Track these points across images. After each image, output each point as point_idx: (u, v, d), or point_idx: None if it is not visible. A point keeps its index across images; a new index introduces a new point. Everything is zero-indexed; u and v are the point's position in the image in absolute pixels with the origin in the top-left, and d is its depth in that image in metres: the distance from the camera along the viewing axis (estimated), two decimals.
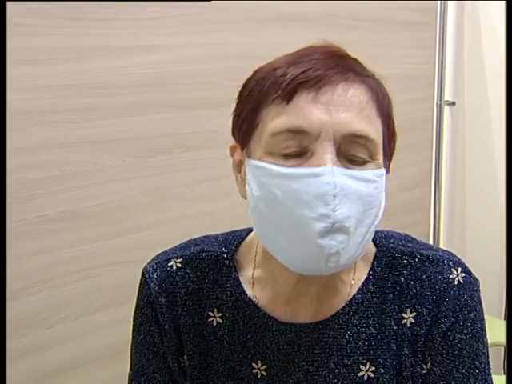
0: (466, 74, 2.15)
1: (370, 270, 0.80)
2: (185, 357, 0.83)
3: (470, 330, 0.79)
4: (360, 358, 0.78)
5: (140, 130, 1.39)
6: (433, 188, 2.20)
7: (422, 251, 0.81)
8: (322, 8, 1.71)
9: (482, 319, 0.82)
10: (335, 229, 0.66)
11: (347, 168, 0.68)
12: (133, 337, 0.87)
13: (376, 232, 0.80)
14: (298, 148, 0.68)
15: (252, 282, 0.81)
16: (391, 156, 0.77)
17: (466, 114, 2.17)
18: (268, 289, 0.80)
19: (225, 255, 0.82)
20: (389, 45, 1.93)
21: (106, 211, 1.38)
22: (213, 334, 0.82)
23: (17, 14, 1.18)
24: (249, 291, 0.81)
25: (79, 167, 1.33)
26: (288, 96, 0.68)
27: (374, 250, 0.81)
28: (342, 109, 0.68)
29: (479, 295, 0.81)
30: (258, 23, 1.57)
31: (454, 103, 2.15)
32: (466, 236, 2.26)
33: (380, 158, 0.71)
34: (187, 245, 0.86)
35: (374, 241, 0.82)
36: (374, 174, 0.70)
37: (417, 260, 0.80)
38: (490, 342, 2.02)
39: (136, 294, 0.86)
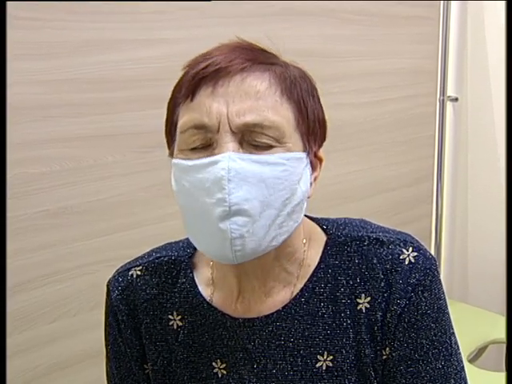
0: (468, 69, 2.14)
1: (321, 257, 0.80)
2: (149, 364, 0.85)
3: (425, 311, 0.77)
4: (317, 347, 0.78)
5: (140, 125, 1.38)
6: (435, 183, 2.20)
7: (371, 234, 0.81)
8: (324, 3, 1.70)
9: (440, 298, 0.79)
10: (233, 212, 0.68)
11: (250, 154, 0.70)
12: (105, 347, 0.90)
13: (330, 220, 0.83)
14: (204, 141, 0.71)
15: (209, 282, 0.83)
16: (318, 139, 0.78)
17: (468, 110, 2.16)
18: (221, 288, 0.82)
19: (181, 258, 0.84)
20: (391, 40, 1.93)
21: (105, 207, 1.38)
22: (174, 337, 0.83)
23: (16, 8, 1.18)
24: (205, 292, 0.83)
25: (79, 162, 1.32)
26: (191, 93, 0.72)
27: (324, 238, 0.82)
28: (237, 100, 0.70)
29: (435, 274, 0.79)
30: (260, 17, 1.56)
31: (456, 99, 2.14)
32: (469, 231, 2.25)
33: (290, 141, 0.72)
34: (148, 253, 0.89)
35: (325, 229, 0.83)
36: (281, 157, 0.71)
37: (366, 243, 0.80)
38: (490, 338, 2.03)
39: None
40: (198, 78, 0.71)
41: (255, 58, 0.74)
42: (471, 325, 1.96)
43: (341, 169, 1.85)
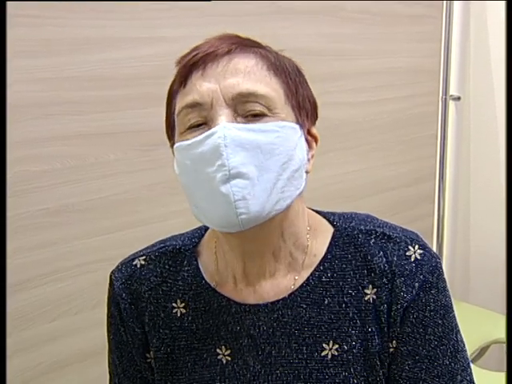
0: (471, 68, 2.13)
1: (328, 248, 0.82)
2: (151, 352, 0.86)
3: (432, 307, 0.79)
4: (322, 336, 0.79)
5: (141, 123, 1.38)
6: (437, 183, 2.19)
7: (378, 229, 0.82)
8: (328, 2, 1.70)
9: (446, 296, 0.81)
10: (233, 175, 0.70)
11: (244, 123, 0.73)
12: (107, 339, 0.91)
13: (336, 214, 0.85)
14: (199, 118, 0.74)
15: (213, 269, 0.84)
16: (310, 116, 0.80)
17: (471, 109, 2.15)
18: (226, 274, 0.83)
19: (186, 247, 0.86)
20: (394, 38, 1.92)
21: (107, 205, 1.38)
22: (177, 324, 0.84)
23: (17, 6, 1.17)
24: (209, 279, 0.84)
25: (80, 160, 1.32)
26: (184, 79, 0.76)
27: (331, 230, 0.84)
28: (228, 75, 0.74)
29: (440, 272, 0.81)
30: (259, 16, 1.56)
31: (459, 98, 2.14)
32: (471, 231, 2.25)
33: (281, 112, 0.75)
34: (153, 244, 0.90)
35: (331, 221, 0.85)
36: (275, 124, 0.73)
37: (373, 237, 0.82)
38: (492, 338, 2.02)
39: None
40: (189, 65, 0.75)
41: (240, 42, 0.77)
42: (473, 324, 1.96)
43: (340, 168, 1.85)
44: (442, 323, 0.79)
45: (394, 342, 0.79)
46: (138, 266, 0.87)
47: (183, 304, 0.84)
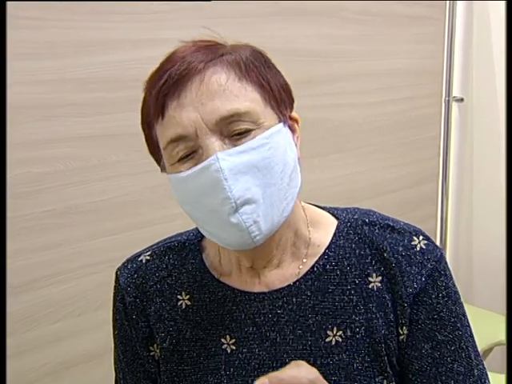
0: (474, 69, 2.13)
1: (332, 239, 0.83)
2: (155, 345, 0.87)
3: (445, 294, 0.81)
4: (327, 323, 0.80)
5: None
6: (440, 184, 2.19)
7: (381, 221, 0.84)
8: (328, 2, 1.70)
9: (454, 284, 0.83)
10: (240, 204, 0.72)
11: (234, 146, 0.73)
12: (113, 335, 0.92)
13: (339, 208, 0.87)
14: (187, 149, 0.74)
15: (217, 262, 0.86)
16: (288, 103, 0.80)
17: (474, 111, 2.15)
18: (230, 267, 0.85)
19: (190, 241, 0.88)
20: (397, 39, 1.92)
21: (110, 206, 1.38)
22: (182, 316, 0.85)
23: (19, 7, 1.18)
24: (214, 270, 0.86)
25: (83, 162, 1.32)
26: (160, 112, 0.75)
27: (335, 222, 0.85)
28: (205, 100, 0.73)
29: (445, 262, 0.83)
30: (263, 17, 1.56)
31: (462, 99, 2.14)
32: (473, 232, 2.24)
33: (264, 119, 0.75)
34: (158, 241, 0.92)
35: (335, 215, 0.86)
36: (262, 137, 0.73)
37: (377, 227, 0.84)
38: (496, 340, 2.01)
39: None
40: (161, 97, 0.74)
41: (205, 57, 0.75)
42: (476, 326, 1.94)
43: (341, 170, 1.85)
44: (455, 309, 0.82)
45: (405, 328, 0.80)
46: (144, 261, 0.89)
47: (188, 296, 0.85)
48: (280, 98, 0.78)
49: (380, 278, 0.81)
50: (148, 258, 0.89)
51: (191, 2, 1.42)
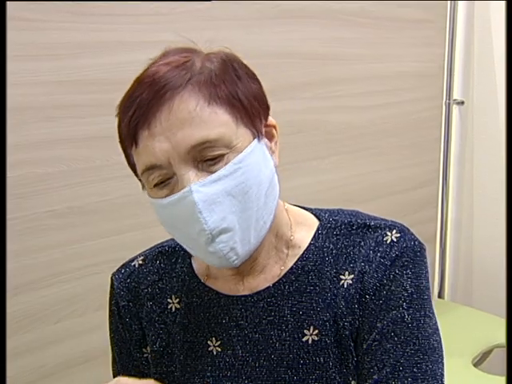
0: (475, 72, 2.14)
1: (312, 240, 0.84)
2: (148, 348, 0.90)
3: (401, 284, 0.78)
4: (304, 322, 0.81)
5: None
6: (441, 187, 2.19)
7: (360, 221, 0.85)
8: (328, 5, 1.70)
9: (419, 278, 0.79)
10: (216, 234, 0.73)
11: (208, 172, 0.72)
12: (109, 338, 0.95)
13: (323, 210, 0.88)
14: (162, 176, 0.74)
15: (205, 266, 0.88)
16: (262, 112, 0.78)
17: (474, 114, 2.16)
18: (216, 271, 0.87)
19: (180, 246, 0.87)
20: (397, 43, 1.93)
21: (112, 207, 1.38)
22: (172, 319, 0.88)
23: (20, 9, 1.18)
24: (201, 275, 0.88)
25: (86, 163, 1.33)
26: (134, 141, 0.74)
27: (317, 223, 0.86)
28: (175, 130, 0.72)
29: (417, 254, 0.80)
30: (263, 20, 1.56)
31: (462, 102, 2.14)
32: (474, 235, 2.25)
33: (238, 140, 0.74)
34: (151, 246, 0.95)
35: (318, 216, 0.87)
36: (234, 162, 0.73)
37: (354, 227, 0.84)
38: (495, 342, 2.01)
39: None
40: (133, 127, 0.74)
41: (174, 81, 0.74)
42: (476, 328, 1.95)
43: (343, 172, 1.85)
44: (409, 303, 0.77)
45: (360, 319, 0.79)
46: (137, 265, 0.92)
47: (177, 299, 0.88)
48: (252, 111, 0.77)
49: (352, 275, 0.81)
50: (141, 262, 0.92)
51: (189, 2, 1.42)
